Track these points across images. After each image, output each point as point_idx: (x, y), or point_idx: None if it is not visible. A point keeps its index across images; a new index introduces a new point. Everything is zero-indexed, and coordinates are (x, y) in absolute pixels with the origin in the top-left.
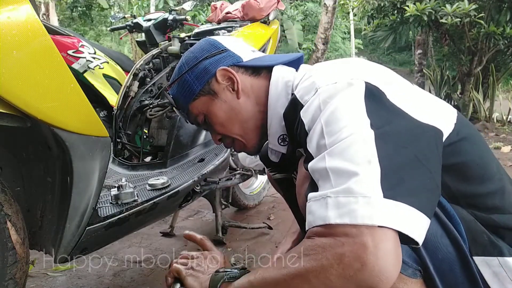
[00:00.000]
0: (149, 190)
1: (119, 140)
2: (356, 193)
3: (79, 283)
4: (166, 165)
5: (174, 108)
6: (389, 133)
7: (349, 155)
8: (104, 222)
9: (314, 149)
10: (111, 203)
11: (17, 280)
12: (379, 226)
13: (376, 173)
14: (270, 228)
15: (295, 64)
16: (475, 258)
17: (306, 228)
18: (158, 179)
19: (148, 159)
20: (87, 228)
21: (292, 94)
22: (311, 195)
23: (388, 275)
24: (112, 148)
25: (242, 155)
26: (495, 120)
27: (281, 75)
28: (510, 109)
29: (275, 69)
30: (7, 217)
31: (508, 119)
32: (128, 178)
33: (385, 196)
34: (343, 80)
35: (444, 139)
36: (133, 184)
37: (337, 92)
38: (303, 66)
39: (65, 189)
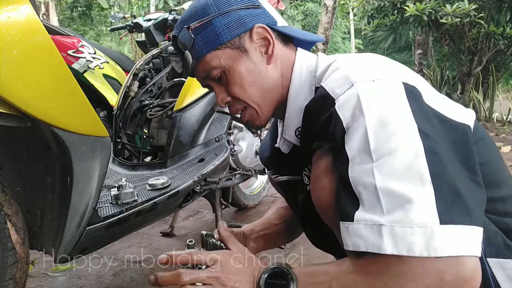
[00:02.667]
0: (149, 190)
1: (119, 140)
2: (412, 223)
3: (79, 283)
4: (166, 165)
5: (185, 52)
6: (436, 142)
7: (401, 174)
8: (104, 222)
9: (354, 151)
10: (111, 203)
11: (17, 280)
12: (436, 257)
13: (431, 196)
14: None
15: (310, 46)
16: (489, 260)
17: (352, 249)
18: (158, 179)
19: (148, 159)
20: (87, 228)
21: (319, 87)
22: (359, 216)
23: None
24: (112, 148)
25: (242, 155)
26: (495, 120)
27: (306, 62)
28: (510, 109)
29: (298, 52)
30: (7, 217)
31: (508, 119)
32: (128, 178)
33: (442, 222)
34: (382, 77)
35: None
36: (133, 184)
37: (379, 90)
38: (321, 56)
39: (65, 189)
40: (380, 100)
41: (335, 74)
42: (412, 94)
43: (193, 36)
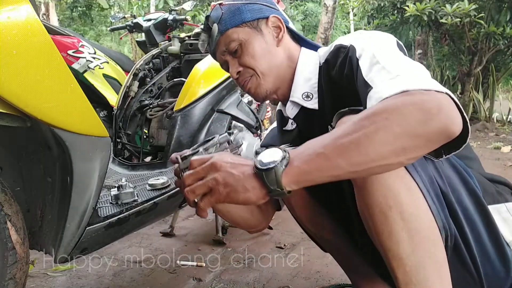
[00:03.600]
0: (149, 190)
1: (119, 140)
2: (419, 74)
3: (79, 283)
4: (166, 165)
5: (213, 26)
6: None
7: (401, 60)
8: (104, 222)
9: (367, 65)
10: (111, 203)
11: (17, 280)
12: (445, 93)
13: (427, 72)
14: (270, 228)
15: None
16: (489, 207)
17: (374, 102)
18: (158, 179)
19: (148, 159)
20: (87, 228)
21: (324, 61)
22: (376, 85)
23: (457, 121)
24: (112, 148)
25: (242, 155)
26: (495, 120)
27: (310, 52)
28: (510, 109)
29: (303, 48)
30: (7, 217)
31: (508, 119)
32: (128, 178)
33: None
34: (381, 32)
35: None
36: (133, 184)
37: (381, 34)
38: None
39: (65, 189)
40: (382, 39)
41: (344, 37)
42: (400, 45)
43: (222, 11)
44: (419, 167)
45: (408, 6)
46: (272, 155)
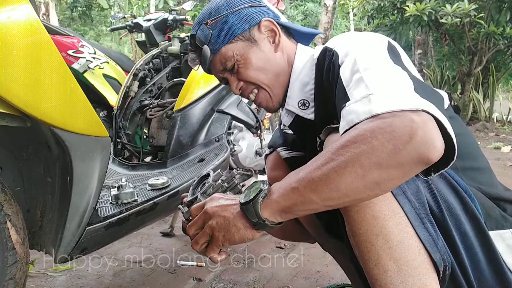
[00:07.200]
0: (149, 190)
1: (119, 140)
2: (398, 88)
3: (79, 283)
4: (166, 165)
5: (203, 47)
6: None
7: (383, 68)
8: (104, 222)
9: (347, 72)
10: (111, 203)
11: (17, 280)
12: (422, 110)
13: (411, 82)
14: None
15: (309, 38)
16: (490, 232)
17: (346, 128)
18: (158, 179)
19: (148, 159)
20: (87, 228)
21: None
22: (351, 101)
23: (435, 145)
24: (112, 148)
25: (242, 155)
26: (495, 120)
27: (307, 49)
28: (510, 109)
29: (299, 44)
30: (7, 217)
31: (508, 119)
32: (128, 178)
33: (415, 90)
34: (372, 33)
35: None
36: (133, 184)
37: (367, 37)
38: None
39: (65, 189)
40: (367, 41)
41: (333, 38)
42: (392, 47)
43: (210, 31)
44: (412, 195)
45: (408, 6)
46: (252, 189)
